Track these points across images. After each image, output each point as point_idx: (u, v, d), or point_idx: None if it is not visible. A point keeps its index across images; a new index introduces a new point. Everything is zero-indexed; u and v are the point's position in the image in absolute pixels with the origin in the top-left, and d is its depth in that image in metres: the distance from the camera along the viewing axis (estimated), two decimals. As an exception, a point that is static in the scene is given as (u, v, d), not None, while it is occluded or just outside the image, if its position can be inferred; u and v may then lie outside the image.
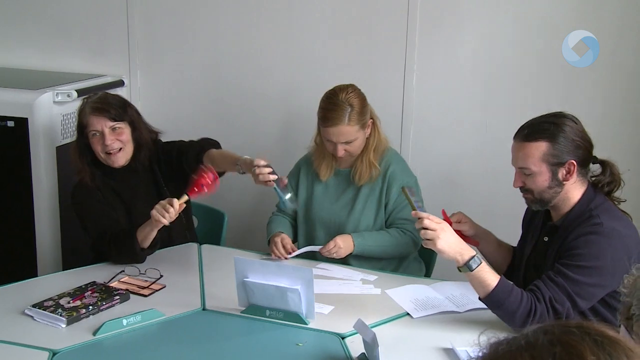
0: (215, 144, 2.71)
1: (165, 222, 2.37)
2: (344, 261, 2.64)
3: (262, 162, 2.38)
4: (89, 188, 2.61)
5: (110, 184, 2.64)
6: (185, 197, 2.40)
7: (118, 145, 2.58)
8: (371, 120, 2.71)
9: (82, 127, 2.59)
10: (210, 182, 2.37)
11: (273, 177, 2.37)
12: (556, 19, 3.07)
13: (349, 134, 2.62)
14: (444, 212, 2.37)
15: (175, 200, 2.37)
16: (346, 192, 2.76)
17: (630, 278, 1.31)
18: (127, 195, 2.66)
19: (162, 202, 2.39)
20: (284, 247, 2.61)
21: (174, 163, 2.68)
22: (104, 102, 2.60)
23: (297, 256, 2.62)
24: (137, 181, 2.66)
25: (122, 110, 2.61)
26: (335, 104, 2.62)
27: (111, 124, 2.57)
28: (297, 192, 2.81)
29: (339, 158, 2.70)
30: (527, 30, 3.12)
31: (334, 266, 2.59)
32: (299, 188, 2.82)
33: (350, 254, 2.62)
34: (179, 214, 2.63)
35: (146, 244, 2.51)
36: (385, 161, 2.73)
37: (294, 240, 2.81)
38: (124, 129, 2.60)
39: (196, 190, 2.38)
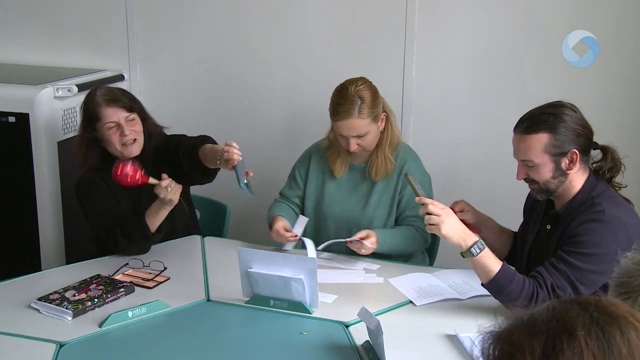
0: (212, 141, 2.69)
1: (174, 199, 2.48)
2: (348, 251, 2.65)
3: (234, 143, 2.39)
4: (94, 181, 2.62)
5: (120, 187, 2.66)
6: (153, 181, 2.50)
7: (134, 135, 2.58)
8: (384, 113, 2.66)
9: (95, 120, 2.56)
10: (125, 172, 2.47)
11: (237, 157, 2.37)
12: (556, 8, 3.08)
13: (360, 128, 2.58)
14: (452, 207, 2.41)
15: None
16: (360, 187, 2.73)
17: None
18: (134, 189, 2.66)
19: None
20: (282, 231, 2.58)
21: (174, 155, 2.69)
22: (115, 93, 2.61)
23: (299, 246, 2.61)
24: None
25: (133, 102, 2.63)
26: (345, 97, 2.57)
27: (126, 114, 2.57)
28: (307, 182, 2.79)
29: (352, 153, 2.66)
30: (527, 18, 3.12)
31: (337, 255, 2.60)
32: (308, 178, 2.79)
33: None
34: (183, 205, 2.65)
35: (154, 227, 2.54)
36: (400, 157, 2.70)
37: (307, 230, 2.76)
38: (137, 119, 2.61)
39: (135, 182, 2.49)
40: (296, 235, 2.59)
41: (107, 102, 2.56)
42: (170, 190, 2.46)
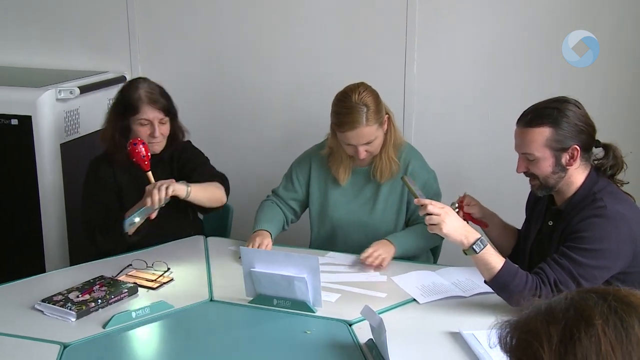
0: (220, 185, 2.71)
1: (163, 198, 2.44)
2: (352, 250, 2.64)
3: (163, 194, 2.40)
4: (103, 170, 2.69)
5: (126, 177, 2.68)
6: (150, 175, 2.53)
7: (161, 138, 2.65)
8: (387, 115, 2.62)
9: (131, 112, 2.61)
10: (139, 151, 2.52)
11: (152, 205, 2.40)
12: (557, 7, 3.08)
13: (369, 135, 2.53)
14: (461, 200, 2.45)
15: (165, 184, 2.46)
16: (364, 190, 2.70)
17: None
18: (138, 189, 2.67)
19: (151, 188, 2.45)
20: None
21: (185, 170, 2.73)
22: (156, 93, 2.66)
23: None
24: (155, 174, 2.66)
25: (171, 105, 2.69)
26: (350, 107, 2.52)
27: (161, 116, 2.63)
28: (309, 189, 2.76)
29: (360, 160, 2.63)
30: (529, 15, 3.12)
31: (340, 254, 2.60)
32: (310, 186, 2.76)
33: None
34: (185, 206, 2.65)
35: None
36: (404, 157, 2.67)
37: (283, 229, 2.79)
38: (167, 122, 2.67)
39: (141, 163, 2.53)
40: None
41: (150, 100, 2.62)
42: (156, 192, 2.40)
